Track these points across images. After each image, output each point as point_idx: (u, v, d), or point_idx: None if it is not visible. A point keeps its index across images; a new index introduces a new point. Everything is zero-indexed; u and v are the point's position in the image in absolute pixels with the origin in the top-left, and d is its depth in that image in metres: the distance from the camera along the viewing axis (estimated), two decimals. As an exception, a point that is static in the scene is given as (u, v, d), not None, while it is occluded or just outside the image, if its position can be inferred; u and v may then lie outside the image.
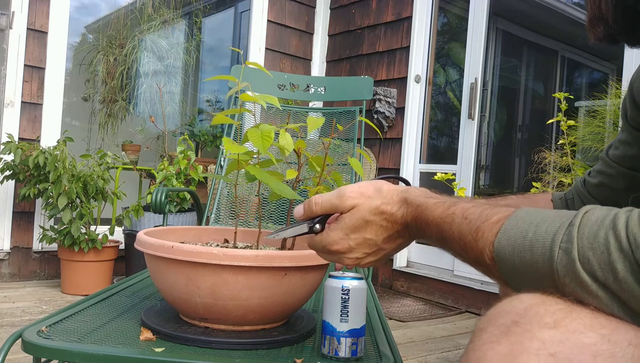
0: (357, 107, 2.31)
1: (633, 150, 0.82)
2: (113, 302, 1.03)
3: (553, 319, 0.46)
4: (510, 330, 0.46)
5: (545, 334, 0.45)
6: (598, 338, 0.45)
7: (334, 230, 0.69)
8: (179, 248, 0.82)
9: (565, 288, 0.48)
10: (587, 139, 2.20)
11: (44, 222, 2.96)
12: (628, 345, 0.44)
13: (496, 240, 0.54)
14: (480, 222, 0.56)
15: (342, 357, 0.79)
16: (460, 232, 0.58)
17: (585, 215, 0.49)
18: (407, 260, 3.43)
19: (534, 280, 0.50)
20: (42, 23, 2.99)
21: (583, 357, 0.43)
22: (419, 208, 0.65)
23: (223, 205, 1.97)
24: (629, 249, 0.45)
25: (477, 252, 0.56)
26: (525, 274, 0.51)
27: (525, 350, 0.44)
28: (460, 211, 0.60)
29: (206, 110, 4.88)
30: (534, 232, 0.51)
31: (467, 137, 3.19)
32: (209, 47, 5.18)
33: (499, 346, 0.46)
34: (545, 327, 0.45)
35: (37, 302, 2.59)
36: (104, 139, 4.08)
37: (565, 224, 0.49)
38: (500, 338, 0.46)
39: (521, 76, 5.38)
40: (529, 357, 0.44)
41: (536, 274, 0.50)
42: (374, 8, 3.71)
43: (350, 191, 0.69)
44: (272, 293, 0.84)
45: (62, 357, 0.77)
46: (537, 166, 2.39)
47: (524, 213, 0.54)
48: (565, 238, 0.48)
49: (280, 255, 0.83)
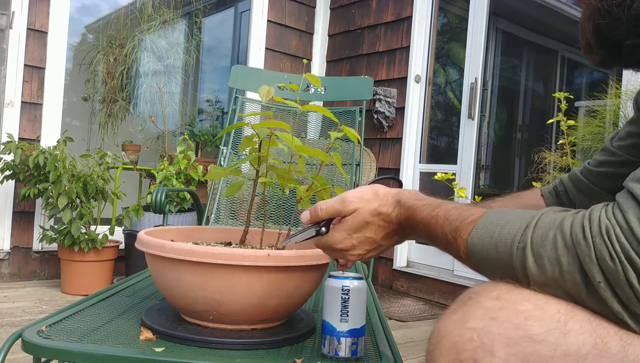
0: (357, 107, 2.31)
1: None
2: (113, 302, 1.03)
3: (497, 293, 0.57)
4: (465, 303, 0.58)
5: (489, 304, 0.56)
6: (532, 306, 0.55)
7: (338, 231, 0.78)
8: (184, 249, 0.82)
9: (522, 280, 0.58)
10: (587, 139, 2.19)
11: (44, 222, 2.96)
12: (556, 313, 0.54)
13: (469, 239, 0.64)
14: (459, 222, 0.66)
15: (342, 356, 0.79)
16: (443, 231, 0.68)
17: (540, 218, 0.58)
18: (407, 260, 3.43)
19: (500, 272, 0.60)
20: (42, 23, 2.99)
21: (518, 320, 0.54)
22: (409, 209, 0.74)
23: (223, 205, 1.97)
24: (572, 245, 0.54)
25: (457, 248, 0.66)
26: (492, 268, 0.62)
27: (472, 316, 0.56)
28: (443, 213, 0.69)
29: (206, 110, 4.88)
30: (499, 232, 0.61)
31: (467, 137, 3.19)
32: (209, 47, 5.17)
33: (454, 315, 0.58)
34: (490, 298, 0.57)
35: (37, 302, 2.59)
36: (104, 138, 4.08)
37: (523, 226, 0.59)
38: (457, 309, 0.58)
39: (521, 76, 5.38)
40: (475, 321, 0.55)
41: (501, 268, 0.60)
42: (374, 8, 3.71)
43: (352, 196, 0.77)
44: (274, 292, 0.84)
45: (62, 357, 0.77)
46: (537, 166, 2.39)
47: (492, 214, 0.63)
48: (523, 239, 0.58)
49: (286, 255, 0.83)
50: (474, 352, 0.54)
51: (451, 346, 0.56)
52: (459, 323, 0.57)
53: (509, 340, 0.53)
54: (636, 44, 0.66)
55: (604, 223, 0.53)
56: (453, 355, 0.55)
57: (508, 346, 0.53)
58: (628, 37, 0.66)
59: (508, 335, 0.54)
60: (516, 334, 0.53)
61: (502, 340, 0.53)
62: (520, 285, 0.58)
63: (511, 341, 0.53)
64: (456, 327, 0.56)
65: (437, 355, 0.57)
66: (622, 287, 0.52)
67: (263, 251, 0.83)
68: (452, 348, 0.56)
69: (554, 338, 0.53)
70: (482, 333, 0.54)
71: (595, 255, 0.53)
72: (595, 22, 0.68)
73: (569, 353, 0.52)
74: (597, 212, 0.55)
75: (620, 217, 0.53)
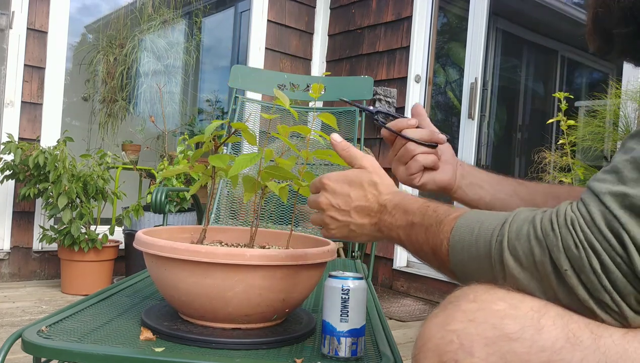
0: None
1: None
2: (113, 302, 1.03)
3: (474, 296, 0.60)
4: (446, 307, 0.61)
5: (467, 306, 0.59)
6: (506, 305, 0.58)
7: (336, 172, 0.82)
8: (184, 249, 0.82)
9: (498, 275, 0.61)
10: (587, 139, 2.19)
11: (44, 221, 2.96)
12: (529, 310, 0.57)
13: (453, 230, 0.67)
14: (444, 216, 0.70)
15: (342, 356, 0.79)
16: (429, 223, 0.71)
17: (516, 214, 0.62)
18: (407, 260, 3.43)
19: (477, 265, 0.64)
20: (42, 23, 2.99)
21: (494, 320, 0.57)
22: (405, 198, 0.77)
23: (223, 205, 1.98)
24: (542, 237, 0.58)
25: (438, 241, 0.69)
26: (471, 260, 0.65)
27: (453, 319, 0.59)
28: (433, 206, 0.73)
29: (206, 110, 4.88)
30: (479, 228, 0.64)
31: (467, 137, 3.19)
32: (208, 47, 5.17)
33: (436, 319, 0.61)
34: (468, 301, 0.60)
35: (37, 301, 2.59)
36: (104, 138, 4.08)
37: (501, 222, 0.62)
38: (439, 313, 0.61)
39: (521, 76, 5.38)
40: (455, 323, 0.58)
41: (479, 261, 0.64)
42: (374, 8, 3.71)
43: (370, 160, 0.82)
44: (273, 292, 0.84)
45: (62, 357, 0.77)
46: (537, 166, 2.39)
47: (473, 213, 0.68)
48: (501, 233, 0.61)
49: (284, 254, 0.83)
50: (455, 353, 0.57)
51: (434, 348, 0.59)
52: (440, 326, 0.59)
53: (487, 340, 0.56)
54: (622, 33, 0.69)
55: (569, 216, 0.57)
56: (436, 357, 0.58)
57: (487, 346, 0.56)
58: (617, 27, 0.69)
59: (486, 335, 0.56)
60: (493, 334, 0.56)
61: (481, 341, 0.56)
62: (496, 283, 0.61)
63: (489, 340, 0.56)
64: (438, 330, 0.59)
65: (422, 358, 0.60)
66: (587, 274, 0.55)
67: (263, 250, 0.83)
68: (435, 351, 0.58)
69: (529, 335, 0.55)
70: (462, 335, 0.57)
71: (562, 245, 0.56)
72: (594, 9, 0.71)
73: (544, 348, 0.55)
74: (564, 207, 0.59)
75: (584, 210, 0.57)
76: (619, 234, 0.54)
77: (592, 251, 0.55)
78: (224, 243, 1.09)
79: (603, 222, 0.55)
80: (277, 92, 0.92)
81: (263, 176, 0.92)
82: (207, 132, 0.91)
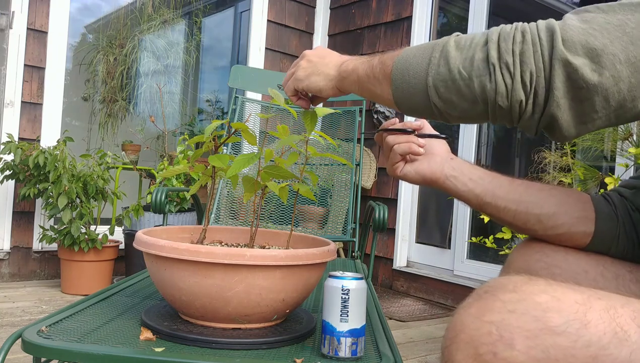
0: (357, 107, 2.31)
1: None
2: (113, 302, 1.03)
3: (514, 286, 0.57)
4: (481, 297, 0.58)
5: (506, 296, 0.56)
6: (549, 298, 0.55)
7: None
8: (183, 248, 0.82)
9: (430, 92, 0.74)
10: (587, 139, 2.19)
11: (44, 222, 2.96)
12: (574, 304, 0.55)
13: (396, 58, 0.80)
14: (391, 53, 0.83)
15: (342, 356, 0.79)
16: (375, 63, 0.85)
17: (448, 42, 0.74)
18: (407, 260, 3.43)
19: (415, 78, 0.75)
20: (42, 23, 2.99)
21: (536, 312, 0.54)
22: (360, 58, 0.91)
23: (223, 205, 1.98)
24: (489, 31, 0.72)
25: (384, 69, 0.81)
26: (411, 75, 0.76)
27: (490, 309, 0.56)
28: (379, 55, 0.85)
29: (206, 110, 4.88)
30: (423, 49, 0.76)
31: (467, 137, 3.19)
32: (208, 47, 5.17)
33: (471, 309, 0.58)
34: (507, 291, 0.57)
35: (37, 301, 2.59)
36: (104, 138, 4.08)
37: (440, 44, 0.75)
38: (473, 303, 0.58)
39: (521, 76, 5.37)
40: (493, 314, 0.55)
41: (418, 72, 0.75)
42: (374, 8, 3.71)
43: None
44: (273, 291, 0.84)
45: (62, 357, 0.77)
46: (537, 166, 2.39)
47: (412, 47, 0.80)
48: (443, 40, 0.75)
49: (284, 254, 0.83)
50: (494, 346, 0.54)
51: (469, 340, 0.56)
52: (476, 317, 0.56)
53: (528, 333, 0.53)
54: None
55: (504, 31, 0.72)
56: (471, 349, 0.55)
57: (528, 339, 0.53)
58: None
59: (527, 328, 0.54)
60: (535, 326, 0.54)
61: (522, 333, 0.54)
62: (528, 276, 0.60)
63: (531, 333, 0.53)
64: (473, 321, 0.56)
65: (454, 350, 0.57)
66: (507, 41, 0.69)
67: (263, 250, 0.83)
68: (470, 343, 0.55)
69: (574, 329, 0.53)
70: (501, 327, 0.54)
71: (502, 29, 0.71)
72: None
73: (590, 343, 0.53)
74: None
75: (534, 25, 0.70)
76: (553, 31, 0.69)
77: (522, 32, 0.68)
78: (224, 243, 1.09)
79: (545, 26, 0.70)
80: (271, 91, 0.92)
81: (263, 176, 0.92)
82: (207, 132, 0.91)
